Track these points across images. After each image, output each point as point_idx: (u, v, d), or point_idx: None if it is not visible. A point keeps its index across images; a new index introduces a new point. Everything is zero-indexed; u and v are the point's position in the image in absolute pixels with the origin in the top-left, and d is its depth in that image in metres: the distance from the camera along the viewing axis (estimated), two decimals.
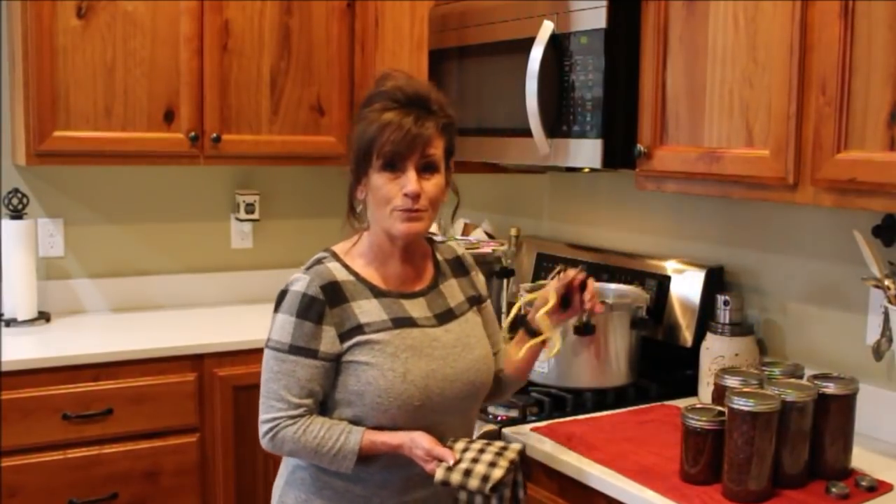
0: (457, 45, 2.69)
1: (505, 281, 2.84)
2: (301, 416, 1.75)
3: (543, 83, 2.29)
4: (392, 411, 1.74)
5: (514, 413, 2.24)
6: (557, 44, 2.29)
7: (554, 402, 2.31)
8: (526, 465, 1.84)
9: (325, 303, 1.75)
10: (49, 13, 2.88)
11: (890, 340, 1.96)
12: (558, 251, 2.90)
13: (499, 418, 2.22)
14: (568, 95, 2.28)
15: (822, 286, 2.25)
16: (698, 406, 1.90)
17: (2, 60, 3.13)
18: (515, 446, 1.75)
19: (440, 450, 1.71)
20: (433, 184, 1.77)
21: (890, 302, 1.93)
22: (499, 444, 1.75)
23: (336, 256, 1.84)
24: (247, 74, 3.19)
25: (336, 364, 1.76)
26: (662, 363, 2.51)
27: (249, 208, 3.52)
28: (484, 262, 2.70)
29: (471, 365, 1.84)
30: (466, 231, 3.18)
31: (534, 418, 2.23)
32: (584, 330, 2.31)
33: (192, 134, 3.10)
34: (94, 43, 2.95)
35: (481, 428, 2.13)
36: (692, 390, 2.38)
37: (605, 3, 2.18)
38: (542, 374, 2.38)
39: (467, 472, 1.67)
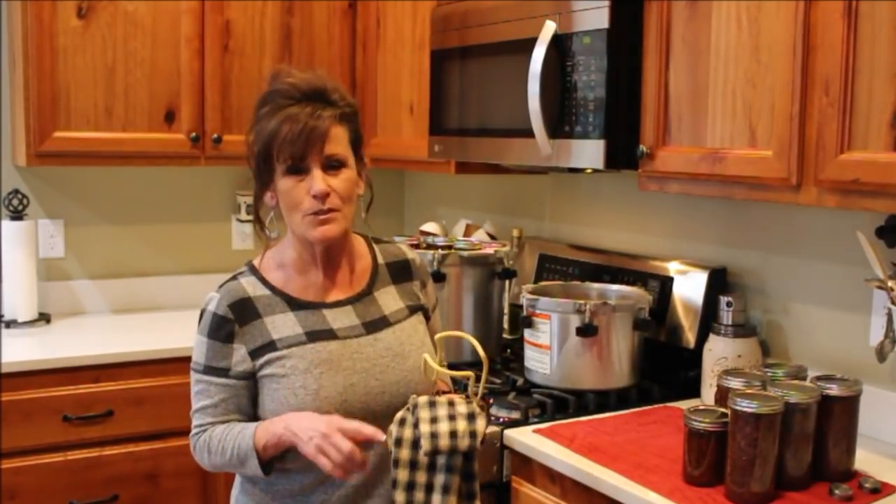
0: (459, 45, 2.69)
1: (507, 282, 2.83)
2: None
3: (545, 83, 2.28)
4: None
5: (515, 415, 2.23)
6: (560, 44, 2.29)
7: (556, 404, 2.30)
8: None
9: (235, 321, 1.72)
10: (49, 13, 2.87)
11: (893, 342, 1.95)
12: (560, 252, 2.89)
13: (500, 420, 2.21)
14: (570, 96, 2.28)
15: (825, 287, 2.24)
16: (701, 408, 1.90)
17: (2, 61, 3.13)
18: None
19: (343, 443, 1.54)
20: (342, 179, 1.69)
21: (893, 303, 1.92)
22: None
23: (253, 270, 1.79)
24: (248, 75, 3.18)
25: (254, 382, 1.72)
26: (665, 364, 2.50)
27: (250, 209, 3.50)
28: (486, 263, 2.69)
29: (402, 376, 1.74)
30: (468, 232, 3.17)
31: (536, 420, 2.22)
32: (586, 331, 2.31)
33: (193, 134, 3.10)
34: (94, 43, 2.95)
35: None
36: (695, 392, 2.37)
37: (607, 4, 2.17)
38: (545, 375, 2.38)
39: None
